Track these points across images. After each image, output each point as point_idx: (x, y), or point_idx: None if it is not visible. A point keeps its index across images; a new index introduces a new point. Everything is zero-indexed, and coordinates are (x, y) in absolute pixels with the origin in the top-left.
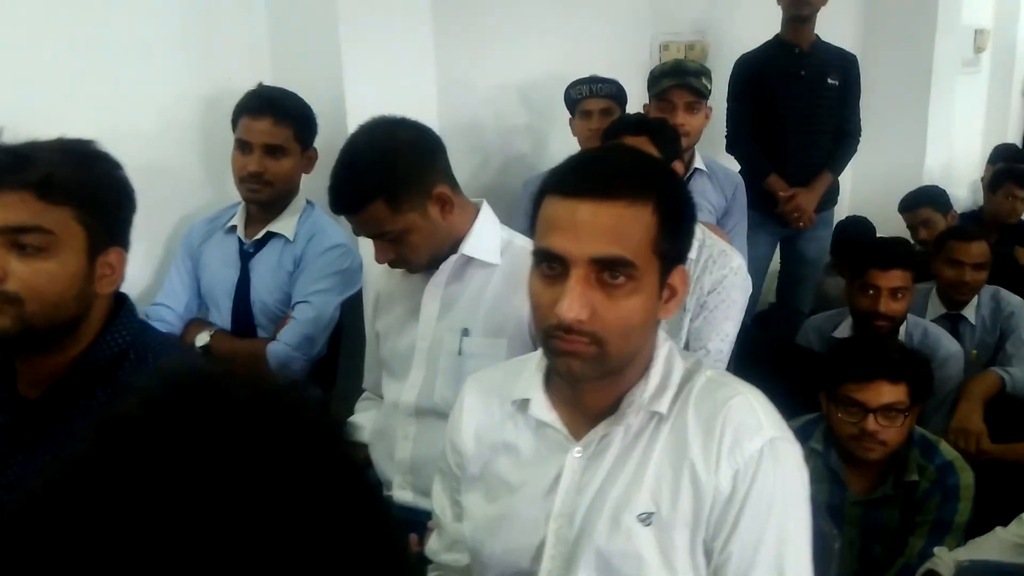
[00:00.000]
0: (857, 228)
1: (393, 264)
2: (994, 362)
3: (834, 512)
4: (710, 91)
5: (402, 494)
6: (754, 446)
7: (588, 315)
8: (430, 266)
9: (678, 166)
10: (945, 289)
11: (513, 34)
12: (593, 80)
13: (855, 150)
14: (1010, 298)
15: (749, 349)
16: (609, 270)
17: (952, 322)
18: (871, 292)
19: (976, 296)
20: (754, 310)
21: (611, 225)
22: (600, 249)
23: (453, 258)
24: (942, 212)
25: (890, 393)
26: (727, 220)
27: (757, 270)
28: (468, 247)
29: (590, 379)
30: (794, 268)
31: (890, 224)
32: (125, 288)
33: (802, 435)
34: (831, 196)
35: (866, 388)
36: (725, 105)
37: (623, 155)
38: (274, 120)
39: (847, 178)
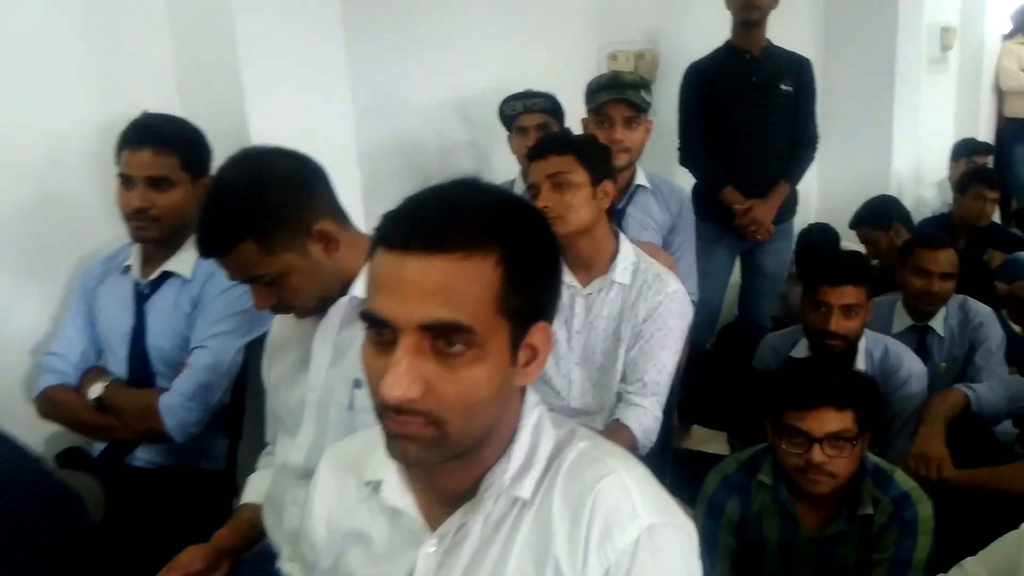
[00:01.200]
0: (820, 236)
1: (275, 310)
2: (964, 375)
3: (787, 550)
4: (650, 104)
5: (290, 568)
6: (628, 537)
7: (420, 392)
8: (320, 309)
9: (609, 186)
10: (912, 300)
11: (450, 46)
12: (527, 95)
13: (812, 158)
14: (979, 308)
15: (706, 374)
16: (444, 337)
17: (920, 334)
18: (822, 309)
19: (944, 307)
20: (715, 327)
21: (441, 283)
22: (429, 313)
23: (343, 300)
24: (883, 229)
25: (836, 421)
26: (673, 238)
27: (716, 285)
28: (359, 287)
29: (431, 464)
30: (754, 282)
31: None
32: (20, 337)
33: (750, 467)
34: (789, 207)
35: (810, 416)
36: (677, 116)
37: (462, 196)
38: (154, 150)
39: (813, 185)
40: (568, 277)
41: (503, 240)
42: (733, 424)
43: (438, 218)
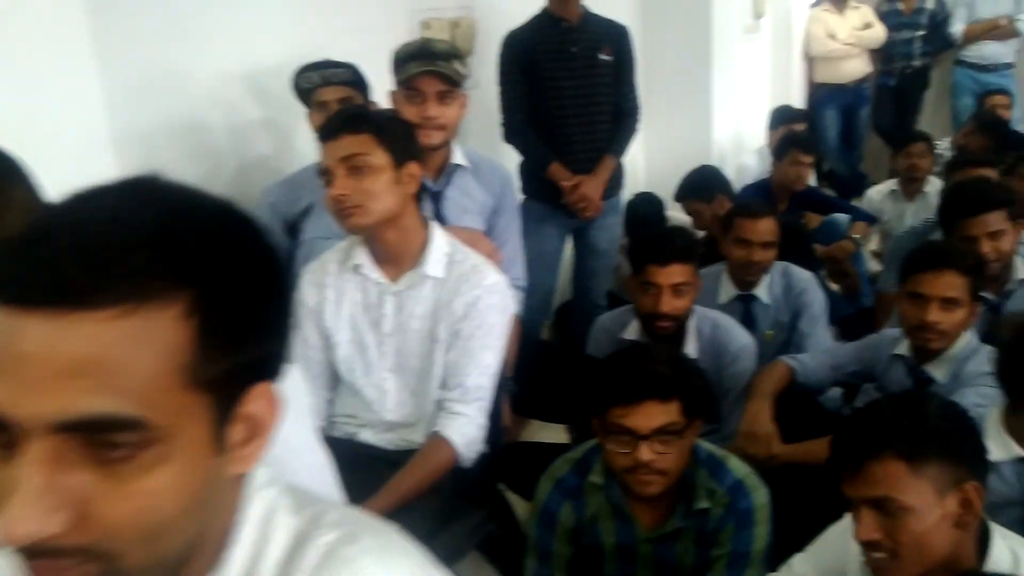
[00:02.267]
0: (646, 206)
1: None
2: (790, 341)
3: (625, 553)
4: (465, 77)
5: None
6: None
7: (66, 523)
8: None
9: (415, 168)
10: (735, 270)
11: (235, 10)
12: (325, 65)
13: (636, 129)
14: (801, 274)
15: (540, 363)
16: (99, 437)
17: (745, 303)
18: (652, 290)
19: (767, 274)
20: (549, 310)
21: (86, 358)
22: (68, 406)
23: None
24: (706, 200)
25: (662, 414)
26: (497, 220)
27: (548, 266)
28: None
29: None
30: (587, 260)
31: None
32: None
33: (582, 468)
34: (616, 180)
35: (634, 412)
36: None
37: (121, 211)
38: None
39: (640, 155)
40: (375, 273)
41: (193, 278)
42: (570, 417)
43: (76, 253)
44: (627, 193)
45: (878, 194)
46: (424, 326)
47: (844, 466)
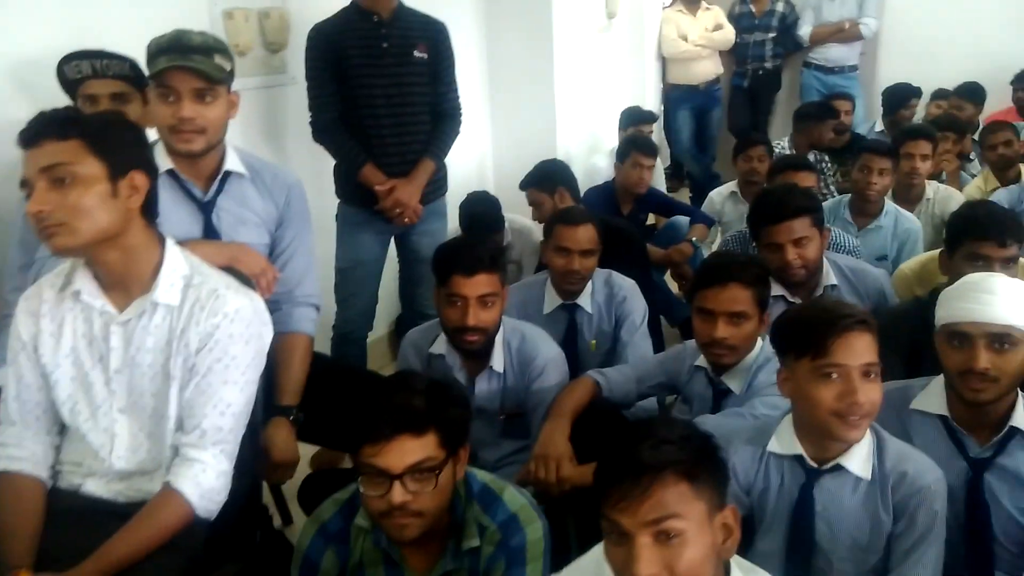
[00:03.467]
0: (482, 205)
1: None
2: (614, 351)
3: None
4: (228, 73)
5: None
6: None
7: None
8: None
9: (140, 178)
10: (556, 278)
11: None
12: (98, 55)
13: (457, 131)
14: (623, 282)
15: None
16: None
17: (569, 312)
18: (458, 303)
19: (590, 283)
20: (371, 322)
21: None
22: None
23: None
24: (548, 192)
25: (416, 450)
26: (283, 233)
27: (368, 275)
28: None
29: None
30: (412, 268)
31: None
32: None
33: (348, 511)
34: (439, 184)
35: (386, 449)
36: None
37: None
38: None
39: (488, 155)
40: (99, 300)
41: None
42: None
43: None
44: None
45: (719, 196)
46: (156, 360)
47: (619, 488)
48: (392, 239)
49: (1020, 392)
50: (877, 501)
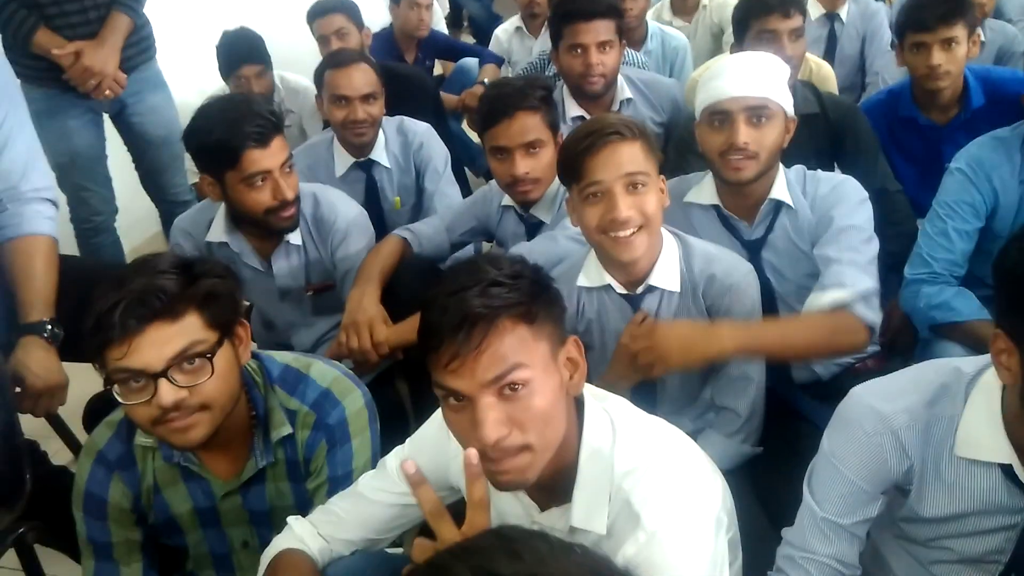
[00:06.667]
0: (239, 35)
1: None
2: (420, 207)
3: (208, 517)
4: None
5: None
6: None
7: None
8: None
9: None
10: (342, 133)
11: None
12: None
13: None
14: (416, 127)
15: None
16: None
17: (365, 170)
18: (257, 182)
19: (381, 133)
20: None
21: None
22: None
23: None
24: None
25: (173, 338)
26: None
27: (93, 160)
28: None
29: None
30: (144, 155)
31: None
32: None
33: (126, 431)
34: (144, 44)
35: (136, 347)
36: None
37: None
38: None
39: None
40: None
41: None
42: None
43: None
44: None
45: (504, 33)
46: None
47: (449, 347)
48: (106, 120)
49: (779, 167)
50: (691, 308)
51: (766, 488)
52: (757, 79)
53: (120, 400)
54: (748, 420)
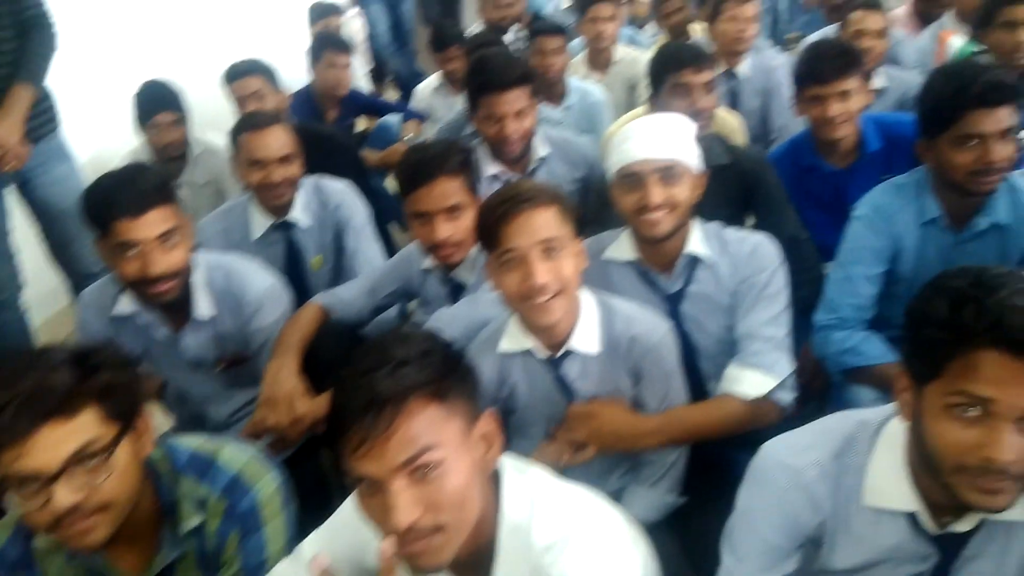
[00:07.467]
0: (155, 85)
1: None
2: (340, 265)
3: None
4: None
5: None
6: None
7: None
8: None
9: None
10: (259, 195)
11: None
12: None
13: (53, 45)
14: (332, 185)
15: None
16: None
17: (284, 232)
18: (129, 252)
19: (300, 193)
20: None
21: None
22: None
23: None
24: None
25: (68, 438)
26: None
27: None
28: None
29: None
30: (51, 227)
31: None
32: None
33: (26, 532)
34: (46, 115)
35: (28, 450)
36: None
37: None
38: None
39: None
40: None
41: None
42: None
43: None
44: None
45: (426, 90)
46: None
47: (357, 431)
48: (12, 193)
49: (693, 222)
50: (613, 370)
51: (689, 539)
52: (664, 141)
53: (15, 506)
54: (671, 468)
